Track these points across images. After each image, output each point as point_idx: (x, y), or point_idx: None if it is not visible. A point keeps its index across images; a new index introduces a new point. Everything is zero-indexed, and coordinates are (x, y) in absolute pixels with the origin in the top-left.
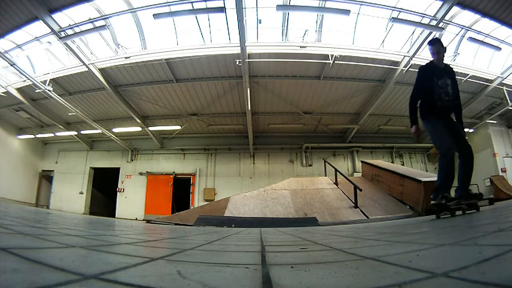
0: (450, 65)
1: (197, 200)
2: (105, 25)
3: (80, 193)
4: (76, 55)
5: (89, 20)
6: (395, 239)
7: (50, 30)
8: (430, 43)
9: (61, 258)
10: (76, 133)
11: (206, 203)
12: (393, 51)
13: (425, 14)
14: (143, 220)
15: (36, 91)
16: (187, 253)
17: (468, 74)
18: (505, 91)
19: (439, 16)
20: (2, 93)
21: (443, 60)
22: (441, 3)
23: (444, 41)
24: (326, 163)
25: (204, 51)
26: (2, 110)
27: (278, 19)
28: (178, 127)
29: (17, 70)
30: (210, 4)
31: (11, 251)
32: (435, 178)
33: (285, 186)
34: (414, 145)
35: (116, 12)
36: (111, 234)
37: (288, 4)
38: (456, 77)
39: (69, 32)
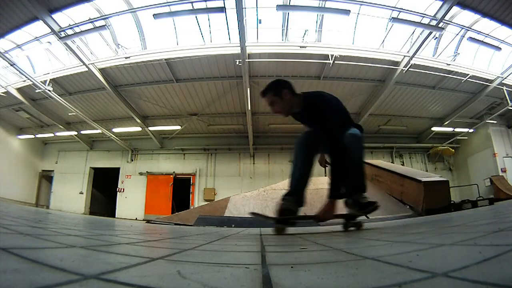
0: (315, 95)
1: (197, 200)
2: (105, 25)
3: (80, 193)
4: (76, 55)
5: (89, 20)
6: (395, 239)
7: (50, 30)
8: (261, 94)
9: (61, 258)
10: (76, 133)
11: (206, 203)
12: (393, 51)
13: (425, 14)
14: (143, 220)
15: (36, 91)
16: (187, 253)
17: (468, 74)
18: (505, 91)
19: (439, 16)
20: (2, 93)
21: (284, 109)
22: (441, 3)
23: (444, 41)
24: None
25: (204, 51)
26: (2, 110)
27: (278, 19)
28: (178, 127)
29: (17, 70)
30: (210, 4)
31: (11, 251)
32: (435, 178)
33: (285, 186)
34: (414, 145)
35: (116, 12)
36: (111, 234)
37: (288, 4)
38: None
39: (69, 32)
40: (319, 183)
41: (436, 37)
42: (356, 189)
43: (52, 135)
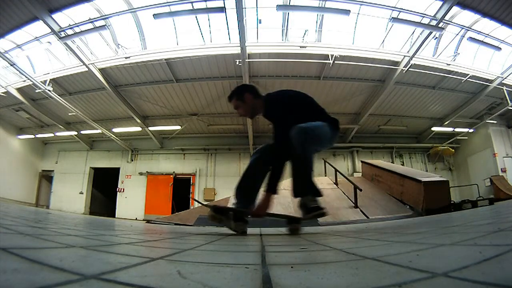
0: (276, 95)
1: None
2: (105, 25)
3: (80, 193)
4: (76, 55)
5: (89, 20)
6: (395, 239)
7: (50, 30)
8: (227, 99)
9: (61, 258)
10: (76, 133)
11: (206, 203)
12: (393, 51)
13: (425, 14)
14: (143, 220)
15: (36, 91)
16: (187, 253)
17: (468, 74)
18: (505, 91)
19: (439, 16)
20: (2, 93)
21: (247, 112)
22: (441, 3)
23: (444, 41)
24: (326, 163)
25: (204, 51)
26: (2, 110)
27: (278, 19)
28: (178, 127)
29: (17, 70)
30: (210, 4)
31: (11, 251)
32: (435, 178)
33: (285, 186)
34: (414, 145)
35: (116, 12)
36: (111, 234)
37: (288, 4)
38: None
39: (69, 32)
40: (319, 183)
41: (436, 37)
42: (305, 191)
43: (52, 135)
